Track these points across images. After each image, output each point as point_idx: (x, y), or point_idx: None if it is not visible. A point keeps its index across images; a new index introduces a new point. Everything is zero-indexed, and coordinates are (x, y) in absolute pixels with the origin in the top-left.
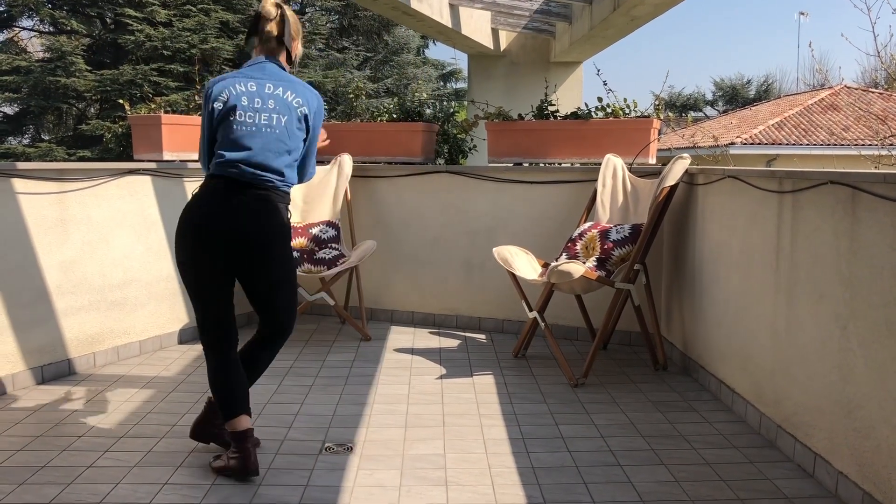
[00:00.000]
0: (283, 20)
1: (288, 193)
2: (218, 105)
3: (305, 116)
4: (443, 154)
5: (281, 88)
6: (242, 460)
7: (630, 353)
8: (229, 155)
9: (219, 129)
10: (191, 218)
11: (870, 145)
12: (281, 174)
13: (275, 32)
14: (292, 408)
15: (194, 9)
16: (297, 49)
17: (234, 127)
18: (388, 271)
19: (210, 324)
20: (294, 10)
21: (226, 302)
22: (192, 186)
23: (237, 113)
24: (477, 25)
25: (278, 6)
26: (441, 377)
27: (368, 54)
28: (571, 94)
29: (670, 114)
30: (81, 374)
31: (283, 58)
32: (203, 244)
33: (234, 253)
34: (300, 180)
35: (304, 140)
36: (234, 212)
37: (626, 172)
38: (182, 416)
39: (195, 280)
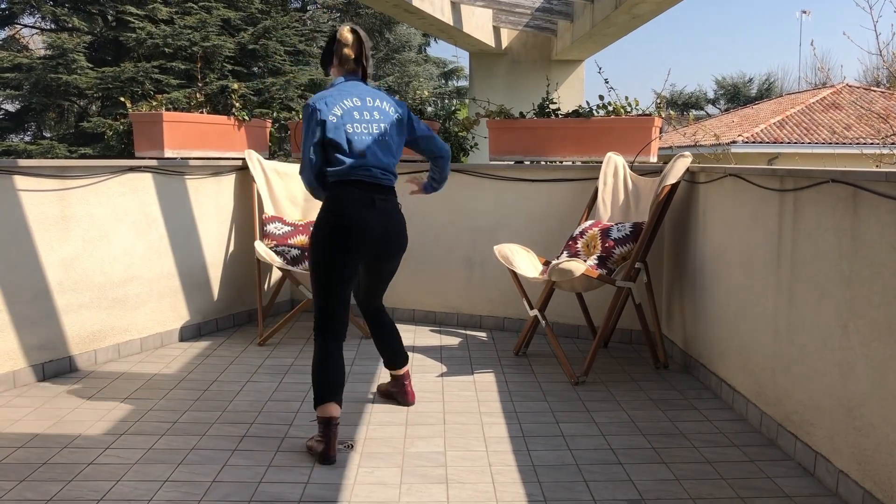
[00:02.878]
0: (359, 43)
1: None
2: (333, 119)
3: (406, 119)
4: None
5: (378, 100)
6: (325, 447)
7: (631, 352)
8: (357, 162)
9: (332, 135)
10: (342, 218)
11: (871, 144)
12: (395, 174)
13: (352, 55)
14: (293, 405)
15: (196, 6)
16: (370, 64)
17: (355, 138)
18: None
19: (328, 314)
20: (295, 8)
21: (347, 297)
22: (193, 183)
23: (354, 125)
24: (478, 23)
25: (354, 31)
26: (442, 375)
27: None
28: (573, 93)
29: (672, 112)
30: (82, 372)
31: (360, 74)
32: (352, 239)
33: (374, 249)
34: (443, 156)
35: (407, 137)
36: (377, 212)
37: (628, 171)
38: (183, 413)
39: (331, 275)
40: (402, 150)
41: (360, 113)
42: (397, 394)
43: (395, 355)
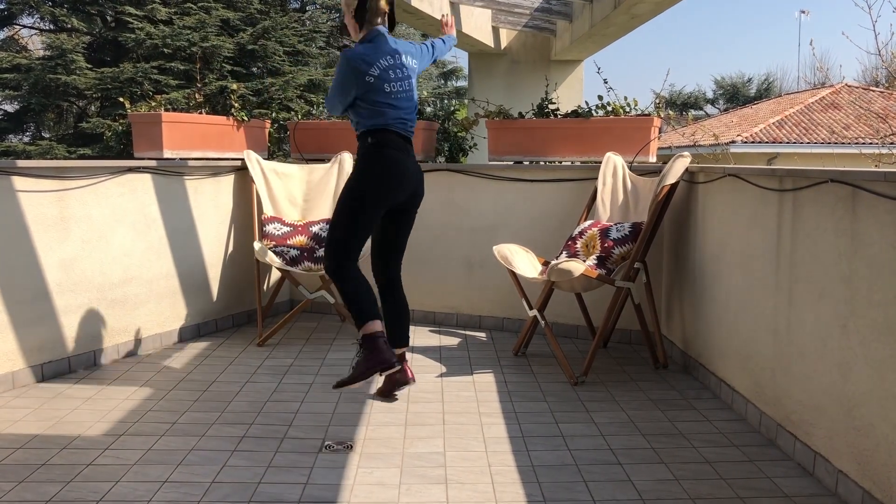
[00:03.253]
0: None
1: None
2: (370, 80)
3: (422, 62)
4: (443, 152)
5: (404, 56)
6: (382, 354)
7: (630, 352)
8: (394, 114)
9: (371, 93)
10: (390, 156)
11: (870, 144)
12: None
13: (386, 9)
14: (292, 406)
15: (195, 7)
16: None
17: (392, 96)
18: None
19: (354, 246)
20: (294, 8)
21: (366, 239)
22: (192, 184)
23: (391, 84)
24: (477, 23)
25: None
26: (441, 375)
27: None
28: (572, 93)
29: (671, 112)
30: (81, 373)
31: (388, 25)
32: (397, 180)
33: (408, 193)
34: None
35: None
36: (411, 160)
37: (627, 171)
38: (182, 413)
39: (369, 208)
40: None
41: (394, 71)
42: (398, 375)
43: (402, 332)
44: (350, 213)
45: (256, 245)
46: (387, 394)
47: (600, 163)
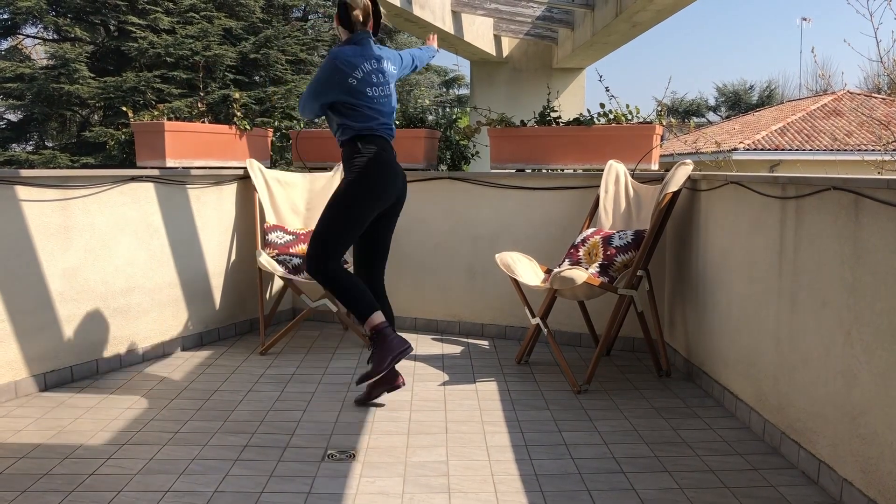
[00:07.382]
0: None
1: None
2: (353, 81)
3: (399, 69)
4: (445, 160)
5: (385, 62)
6: (388, 345)
7: (633, 360)
8: (380, 120)
9: (353, 96)
10: (384, 160)
11: (873, 151)
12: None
13: (361, 18)
14: (295, 415)
15: (197, 16)
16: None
17: (375, 100)
18: (391, 278)
19: (340, 251)
20: (297, 17)
21: (352, 242)
22: (195, 193)
23: (372, 88)
24: (479, 32)
25: None
26: (444, 384)
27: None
28: (574, 100)
29: (673, 119)
30: (84, 382)
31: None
32: (392, 183)
33: (395, 197)
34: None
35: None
36: (397, 164)
37: (629, 178)
38: (184, 423)
39: (366, 211)
40: None
41: (376, 76)
42: (393, 380)
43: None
44: (345, 217)
45: (259, 254)
46: (372, 396)
47: (602, 171)
